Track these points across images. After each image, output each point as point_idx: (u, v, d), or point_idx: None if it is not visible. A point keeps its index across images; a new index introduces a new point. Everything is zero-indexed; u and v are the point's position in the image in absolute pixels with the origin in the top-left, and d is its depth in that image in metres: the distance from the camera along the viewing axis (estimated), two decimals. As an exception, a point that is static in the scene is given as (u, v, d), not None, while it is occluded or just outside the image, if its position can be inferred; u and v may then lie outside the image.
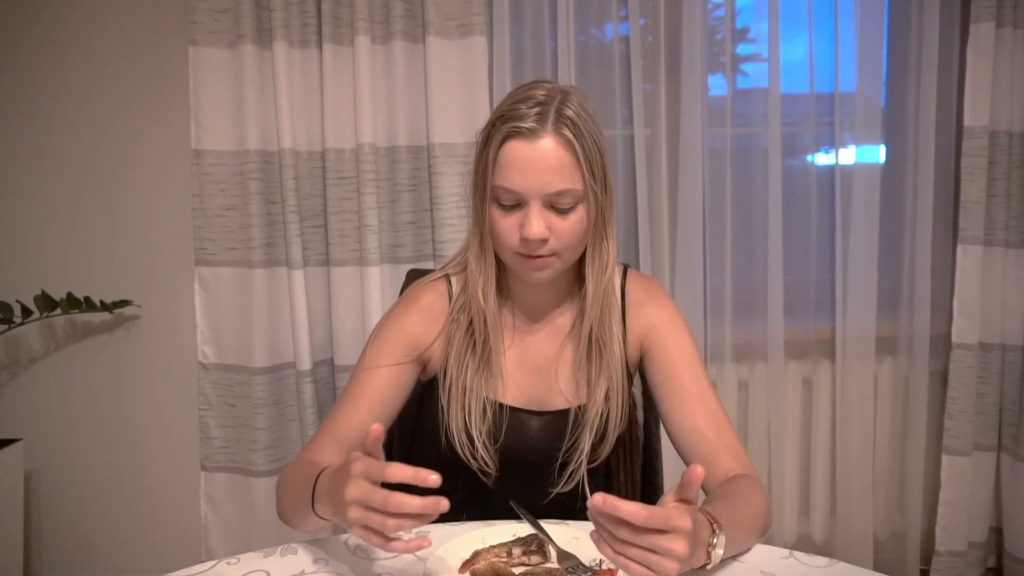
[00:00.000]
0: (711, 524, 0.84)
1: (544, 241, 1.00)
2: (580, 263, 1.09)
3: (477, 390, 1.09)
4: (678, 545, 0.74)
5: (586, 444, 1.09)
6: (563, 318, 1.14)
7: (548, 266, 1.02)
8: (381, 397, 1.08)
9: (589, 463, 1.10)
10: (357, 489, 0.80)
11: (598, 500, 0.73)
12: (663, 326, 1.11)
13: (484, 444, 1.08)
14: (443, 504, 0.77)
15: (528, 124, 0.97)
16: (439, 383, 1.12)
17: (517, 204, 1.00)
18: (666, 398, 1.09)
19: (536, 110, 0.98)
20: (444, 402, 1.10)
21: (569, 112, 0.98)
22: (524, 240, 0.99)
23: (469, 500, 1.16)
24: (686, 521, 0.75)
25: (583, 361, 1.11)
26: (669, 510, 0.75)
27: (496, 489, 1.12)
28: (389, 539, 0.80)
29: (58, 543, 2.21)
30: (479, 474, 1.10)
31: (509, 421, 1.10)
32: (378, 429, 0.84)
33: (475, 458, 1.08)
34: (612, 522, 0.75)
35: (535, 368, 1.13)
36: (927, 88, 2.12)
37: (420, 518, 0.79)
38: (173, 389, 2.18)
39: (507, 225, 1.01)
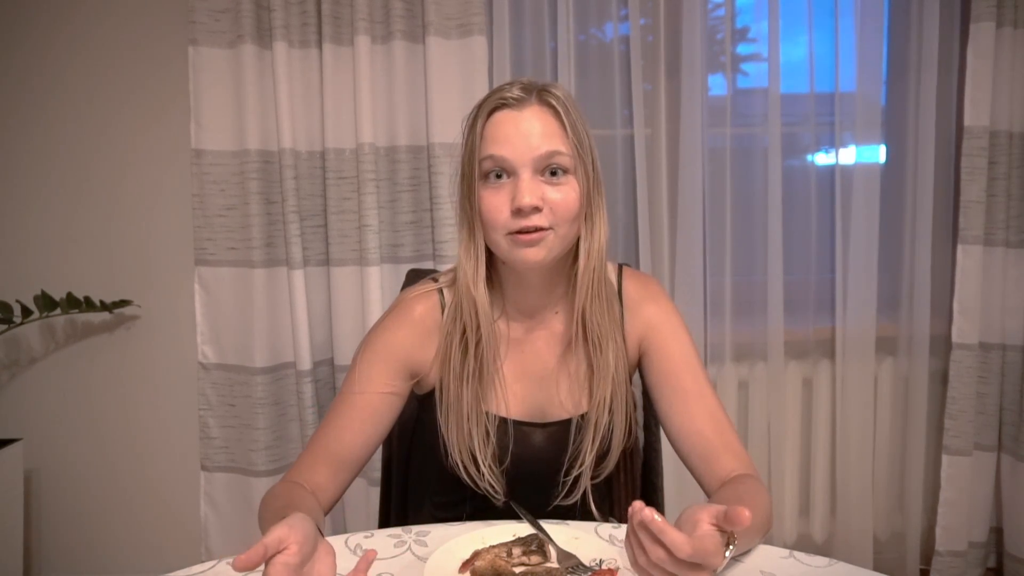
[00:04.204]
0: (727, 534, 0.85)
1: (537, 210, 0.96)
2: (573, 260, 1.05)
3: (476, 407, 1.05)
4: (713, 559, 0.77)
5: (588, 455, 1.06)
6: (559, 323, 1.10)
7: (543, 241, 0.97)
8: (373, 416, 1.05)
9: (593, 477, 1.08)
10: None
11: (647, 515, 0.75)
12: (661, 326, 1.10)
13: (490, 467, 1.05)
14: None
15: (514, 94, 0.98)
16: (436, 401, 1.08)
17: (507, 178, 0.98)
18: (665, 398, 1.07)
19: (520, 86, 0.99)
20: (443, 423, 1.06)
21: (554, 91, 1.00)
22: (516, 212, 0.96)
23: (477, 514, 1.13)
24: (719, 560, 0.78)
25: (583, 366, 1.08)
26: (707, 544, 0.76)
27: (504, 506, 1.09)
28: None
29: (58, 543, 2.21)
30: (487, 495, 1.07)
31: (513, 435, 1.07)
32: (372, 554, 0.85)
33: (482, 480, 1.05)
34: (650, 538, 0.76)
35: (535, 378, 1.10)
36: (927, 88, 2.12)
37: None
38: (173, 389, 2.18)
39: (497, 202, 0.97)
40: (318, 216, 2.06)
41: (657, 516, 0.74)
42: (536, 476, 1.09)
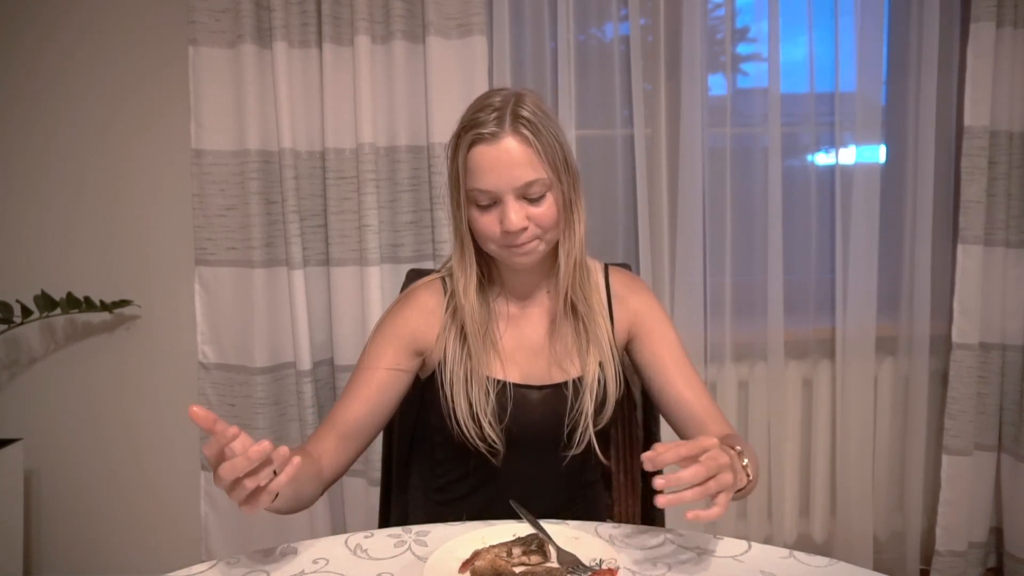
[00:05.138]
0: (732, 449, 0.99)
1: (524, 230, 1.09)
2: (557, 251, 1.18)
3: (478, 374, 1.15)
4: (722, 458, 0.89)
5: (588, 407, 1.16)
6: (551, 300, 1.23)
7: (533, 249, 1.12)
8: (380, 390, 1.15)
9: (594, 425, 1.17)
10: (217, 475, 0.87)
11: (651, 455, 0.86)
12: (648, 314, 1.24)
13: (490, 423, 1.13)
14: (280, 451, 0.89)
15: (489, 129, 1.06)
16: (440, 374, 1.17)
17: (493, 202, 1.09)
18: (657, 377, 1.21)
19: (494, 115, 1.07)
20: (448, 391, 1.15)
21: (524, 112, 1.08)
22: (505, 233, 1.09)
23: (480, 485, 1.20)
24: (712, 439, 0.90)
25: (573, 335, 1.20)
26: (702, 439, 0.89)
27: (504, 468, 1.17)
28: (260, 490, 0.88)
29: (58, 543, 2.21)
30: (487, 455, 1.15)
31: (512, 398, 1.17)
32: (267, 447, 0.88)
33: (483, 439, 1.13)
34: (672, 470, 0.86)
35: (531, 349, 1.21)
36: (927, 88, 2.12)
37: (261, 472, 0.88)
38: (173, 389, 2.18)
39: (488, 222, 1.10)
40: (318, 216, 2.06)
41: (655, 454, 0.86)
42: (535, 438, 1.18)
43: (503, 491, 1.15)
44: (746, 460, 1.00)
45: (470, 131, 1.07)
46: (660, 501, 0.84)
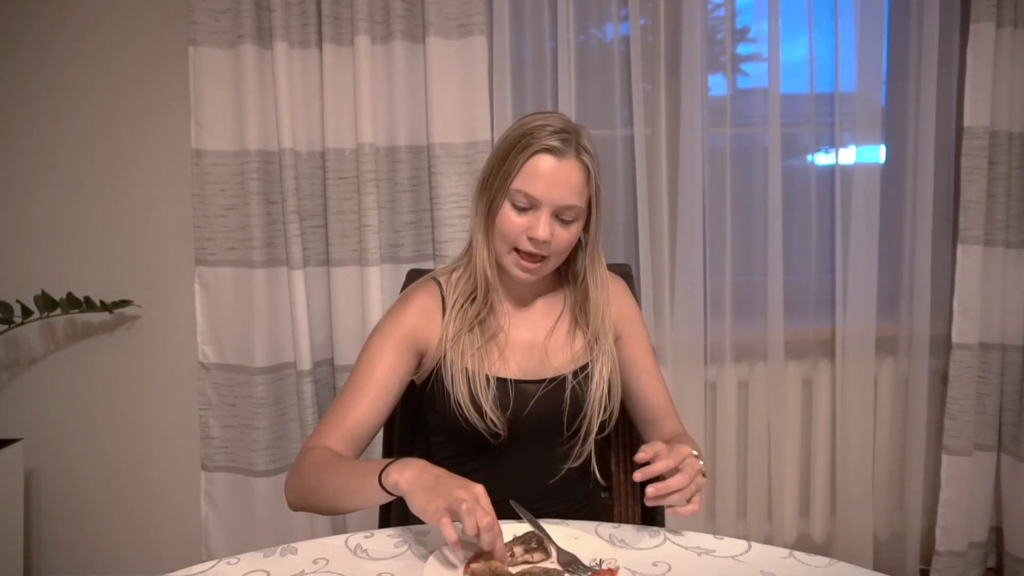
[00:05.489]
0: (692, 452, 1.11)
1: (546, 244, 1.15)
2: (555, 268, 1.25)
3: (479, 369, 1.18)
4: (697, 464, 1.07)
5: (595, 396, 1.21)
6: (548, 305, 1.29)
7: (539, 269, 1.18)
8: (384, 387, 1.17)
9: (600, 431, 1.22)
10: (476, 502, 0.93)
11: (645, 472, 1.02)
12: (632, 317, 1.32)
13: (492, 407, 1.17)
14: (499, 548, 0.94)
15: (558, 144, 1.14)
16: (441, 370, 1.20)
17: (530, 208, 1.15)
18: (633, 376, 1.30)
19: (563, 135, 1.15)
20: (449, 383, 1.18)
21: (586, 144, 1.17)
22: (530, 240, 1.15)
23: (481, 467, 1.21)
24: (687, 448, 1.07)
25: (569, 334, 1.26)
26: (679, 448, 1.05)
27: (505, 468, 1.20)
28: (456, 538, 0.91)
29: (58, 543, 2.21)
30: (488, 437, 1.17)
31: (514, 393, 1.20)
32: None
33: (484, 420, 1.16)
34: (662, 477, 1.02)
35: (528, 347, 1.24)
36: (927, 88, 2.12)
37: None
38: (173, 389, 2.18)
39: (517, 224, 1.15)
40: (318, 216, 2.06)
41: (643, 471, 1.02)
42: (537, 428, 1.21)
43: (503, 492, 1.15)
44: (702, 461, 1.10)
45: (540, 139, 1.13)
46: (650, 491, 1.01)
